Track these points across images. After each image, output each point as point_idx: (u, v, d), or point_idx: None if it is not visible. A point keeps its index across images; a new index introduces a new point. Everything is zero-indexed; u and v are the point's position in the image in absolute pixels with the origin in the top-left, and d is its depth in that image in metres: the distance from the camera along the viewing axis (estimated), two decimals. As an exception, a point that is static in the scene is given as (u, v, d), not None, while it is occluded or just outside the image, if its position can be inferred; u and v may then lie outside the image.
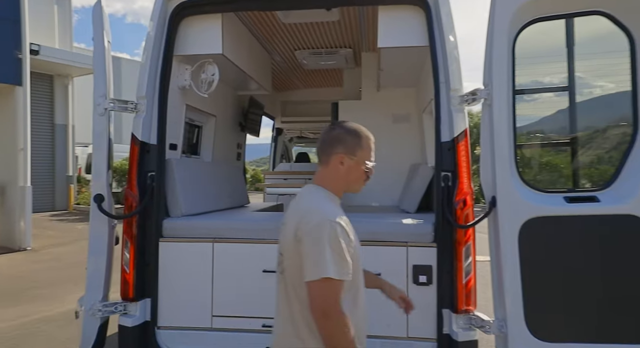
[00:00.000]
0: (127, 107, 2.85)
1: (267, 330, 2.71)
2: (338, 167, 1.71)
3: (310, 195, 1.72)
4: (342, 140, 1.71)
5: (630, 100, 2.30)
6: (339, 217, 1.58)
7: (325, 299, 1.50)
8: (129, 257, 2.76)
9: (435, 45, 2.65)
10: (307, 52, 4.56)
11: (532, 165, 2.69)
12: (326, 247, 1.51)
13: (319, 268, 1.49)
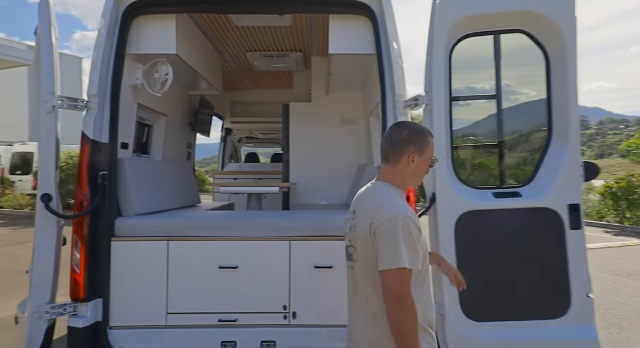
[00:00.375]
0: (76, 105, 2.81)
1: (223, 325, 2.82)
2: (408, 164, 1.87)
3: (381, 191, 1.87)
4: (412, 140, 1.87)
5: (546, 107, 2.64)
6: (410, 212, 1.76)
7: (398, 287, 1.67)
8: (80, 257, 2.73)
9: (382, 53, 2.86)
10: (259, 54, 4.65)
11: (466, 165, 2.97)
12: (400, 240, 1.68)
13: (394, 259, 1.67)
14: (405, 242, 1.69)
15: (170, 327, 2.83)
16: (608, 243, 10.85)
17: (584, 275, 2.60)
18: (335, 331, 2.80)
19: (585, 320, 2.56)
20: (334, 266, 2.80)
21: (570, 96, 2.58)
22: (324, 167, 4.57)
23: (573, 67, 2.57)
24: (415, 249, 1.71)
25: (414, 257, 1.71)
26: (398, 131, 1.92)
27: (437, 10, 2.61)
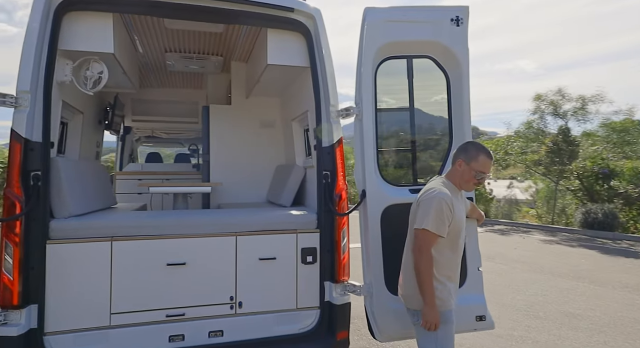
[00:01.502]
0: (5, 101, 2.65)
1: (171, 320, 2.92)
2: (457, 168, 2.61)
3: (436, 181, 2.64)
4: (465, 150, 2.60)
5: (448, 119, 3.30)
6: (447, 197, 2.47)
7: (423, 242, 2.43)
8: (12, 261, 2.58)
9: (316, 67, 3.24)
10: (178, 55, 4.64)
11: (388, 165, 3.53)
12: (432, 210, 2.43)
13: (423, 221, 2.44)
14: (435, 212, 2.42)
15: (114, 327, 2.82)
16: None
17: (475, 253, 3.26)
18: (279, 316, 3.11)
19: (476, 289, 3.23)
20: (277, 257, 3.11)
21: (465, 109, 3.25)
22: (243, 167, 4.76)
23: (467, 86, 3.23)
24: (442, 220, 2.42)
25: (439, 225, 2.42)
26: (465, 143, 2.68)
27: (366, 37, 3.10)
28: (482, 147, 2.63)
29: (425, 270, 2.41)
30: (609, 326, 4.96)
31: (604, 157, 14.23)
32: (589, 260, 8.94)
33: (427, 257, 2.42)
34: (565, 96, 14.58)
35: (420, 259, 2.42)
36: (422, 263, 2.41)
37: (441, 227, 2.43)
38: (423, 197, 2.53)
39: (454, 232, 2.52)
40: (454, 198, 2.53)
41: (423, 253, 2.41)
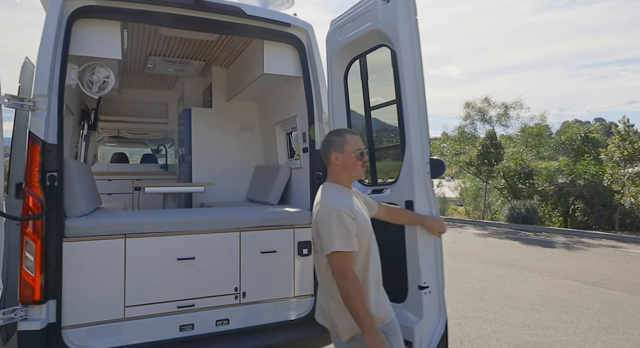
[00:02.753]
0: (23, 104, 2.74)
1: (182, 311, 3.15)
2: (335, 163, 2.28)
3: (323, 192, 2.28)
4: (330, 143, 2.30)
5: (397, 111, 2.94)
6: (343, 205, 2.13)
7: (339, 265, 2.06)
8: (34, 259, 2.69)
9: (309, 77, 3.59)
10: (161, 59, 4.75)
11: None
12: (334, 228, 2.07)
13: (329, 245, 2.07)
14: (338, 228, 2.06)
15: (128, 320, 2.99)
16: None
17: (415, 268, 2.79)
18: (278, 304, 3.43)
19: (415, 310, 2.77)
20: (277, 250, 3.43)
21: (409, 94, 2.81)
22: (224, 168, 4.96)
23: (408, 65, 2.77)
24: (348, 233, 2.07)
25: (348, 240, 2.07)
26: (324, 139, 2.37)
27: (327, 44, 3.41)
28: (341, 130, 2.42)
29: (355, 294, 2.03)
30: (541, 305, 5.79)
31: (524, 158, 15.86)
32: (517, 250, 10.06)
33: (353, 280, 2.05)
34: (491, 103, 16.03)
35: (347, 284, 2.03)
36: (351, 289, 2.03)
37: (350, 241, 2.09)
38: (319, 216, 2.16)
39: (365, 237, 2.20)
40: (352, 200, 2.25)
41: (347, 277, 2.05)
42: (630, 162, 13.04)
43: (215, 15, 3.30)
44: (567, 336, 4.65)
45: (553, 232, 13.02)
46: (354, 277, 2.08)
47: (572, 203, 14.69)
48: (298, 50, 3.62)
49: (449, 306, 5.48)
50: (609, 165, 13.71)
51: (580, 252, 9.85)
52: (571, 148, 15.33)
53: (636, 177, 12.79)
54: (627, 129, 13.22)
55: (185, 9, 3.21)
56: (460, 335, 4.64)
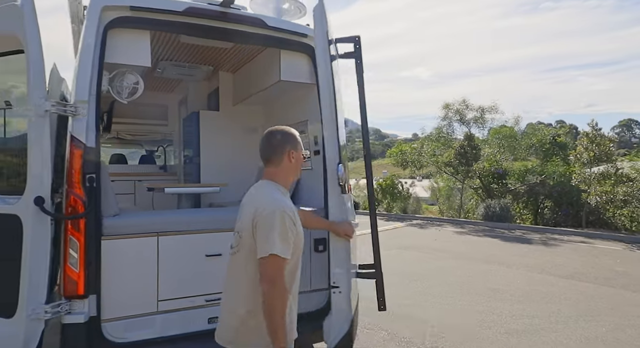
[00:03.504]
0: (66, 110, 2.89)
1: (210, 304, 3.35)
2: (290, 162, 2.18)
3: (264, 188, 2.15)
4: (287, 140, 2.19)
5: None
6: (288, 208, 2.02)
7: (272, 271, 1.90)
8: (78, 256, 2.85)
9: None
10: (171, 63, 4.89)
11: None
12: (276, 230, 1.91)
13: (269, 247, 1.90)
14: (281, 232, 1.92)
15: (161, 313, 3.18)
16: (385, 227, 14.12)
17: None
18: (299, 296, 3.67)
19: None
20: None
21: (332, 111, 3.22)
22: (230, 169, 5.15)
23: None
24: (287, 239, 1.94)
25: (285, 246, 1.93)
26: (273, 136, 2.21)
27: None
28: (287, 128, 2.28)
29: (280, 305, 1.89)
30: (523, 297, 6.24)
31: (498, 159, 16.59)
32: (494, 247, 10.61)
33: (281, 289, 1.90)
34: (469, 106, 16.68)
35: (274, 293, 1.88)
36: (277, 298, 1.88)
37: (288, 247, 1.96)
38: (261, 214, 1.97)
39: (298, 247, 2.10)
40: (292, 204, 2.14)
41: (277, 286, 1.88)
42: (597, 163, 13.89)
43: (238, 26, 3.51)
44: (551, 324, 5.09)
45: (526, 230, 13.70)
46: (284, 286, 1.92)
47: (541, 202, 15.49)
48: (311, 59, 3.86)
49: (441, 298, 5.91)
50: (577, 166, 14.54)
51: (552, 247, 10.48)
52: (541, 150, 16.14)
53: (601, 177, 13.62)
54: (594, 132, 14.04)
55: (211, 19, 3.41)
56: (455, 325, 5.00)
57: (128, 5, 3.12)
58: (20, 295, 2.72)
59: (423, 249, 10.07)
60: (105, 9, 3.06)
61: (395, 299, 5.96)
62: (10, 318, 2.75)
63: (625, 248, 10.55)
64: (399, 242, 11.14)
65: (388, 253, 9.17)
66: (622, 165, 14.07)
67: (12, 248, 2.79)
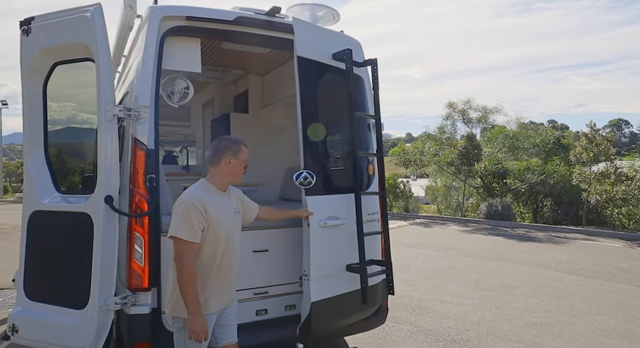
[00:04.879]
0: (130, 114, 3.08)
1: (257, 297, 3.56)
2: (226, 166, 2.60)
3: (194, 185, 2.62)
4: (226, 147, 2.63)
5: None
6: (197, 200, 2.44)
7: (179, 251, 2.42)
8: (143, 251, 3.04)
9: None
10: (204, 67, 5.06)
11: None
12: (180, 216, 2.41)
13: (176, 229, 2.42)
14: (183, 218, 2.40)
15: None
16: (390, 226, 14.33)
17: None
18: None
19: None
20: None
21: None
22: (259, 169, 5.34)
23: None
24: (191, 226, 2.39)
25: (189, 231, 2.39)
26: (219, 142, 2.68)
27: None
28: (236, 139, 2.76)
29: (187, 279, 2.38)
30: (535, 292, 6.50)
31: (499, 158, 16.89)
32: (499, 244, 10.88)
33: (188, 266, 2.38)
34: (472, 106, 16.94)
35: (181, 268, 2.39)
36: (183, 273, 2.38)
37: (192, 233, 2.39)
38: (175, 204, 2.51)
39: (217, 233, 2.51)
40: (213, 199, 2.54)
41: (183, 263, 2.39)
42: (596, 163, 14.22)
43: (280, 34, 3.70)
44: (566, 317, 5.34)
45: (528, 228, 14.00)
46: (190, 264, 2.40)
47: (541, 200, 15.82)
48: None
49: (458, 294, 6.15)
50: (577, 165, 14.87)
51: (556, 245, 10.77)
52: (544, 150, 16.46)
53: (601, 176, 13.96)
54: (593, 133, 14.38)
55: (257, 28, 3.61)
56: (476, 319, 5.23)
57: (185, 15, 3.31)
58: (92, 288, 2.92)
59: (430, 247, 10.32)
60: (165, 19, 3.25)
61: (414, 294, 6.20)
62: (83, 309, 2.95)
63: (625, 245, 10.87)
64: (405, 240, 11.38)
65: (398, 251, 9.41)
66: (621, 164, 14.43)
67: (82, 244, 2.99)
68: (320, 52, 3.57)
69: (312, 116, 3.51)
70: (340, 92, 3.58)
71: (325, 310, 3.32)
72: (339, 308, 3.44)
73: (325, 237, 3.38)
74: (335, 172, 3.79)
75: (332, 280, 3.40)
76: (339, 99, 3.60)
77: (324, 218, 3.37)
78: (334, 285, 3.40)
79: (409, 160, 17.57)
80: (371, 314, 3.79)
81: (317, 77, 3.62)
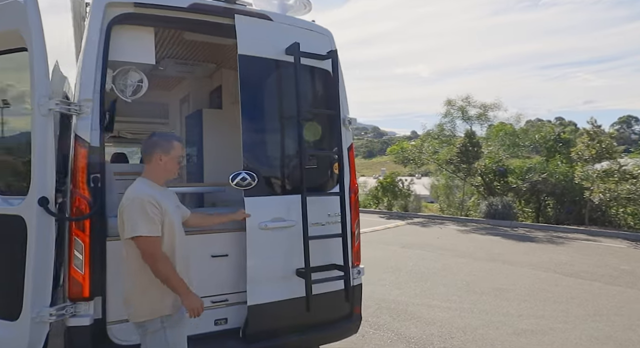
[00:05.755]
0: (69, 109, 2.83)
1: (216, 305, 3.30)
2: (158, 163, 2.54)
3: (134, 184, 2.52)
4: (157, 144, 2.55)
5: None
6: (147, 195, 2.38)
7: (148, 249, 2.33)
8: (83, 257, 2.79)
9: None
10: (173, 61, 4.82)
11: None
12: (136, 214, 2.33)
13: (136, 228, 2.31)
14: (140, 215, 2.32)
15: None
16: (387, 225, 14.06)
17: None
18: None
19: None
20: None
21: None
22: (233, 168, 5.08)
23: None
24: (151, 220, 2.33)
25: (151, 226, 2.33)
26: (149, 139, 2.61)
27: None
28: (168, 135, 2.73)
29: (167, 270, 2.35)
30: (529, 295, 6.20)
31: (500, 156, 16.52)
32: (497, 245, 10.56)
33: (163, 258, 2.36)
34: (471, 103, 16.60)
35: (156, 263, 2.33)
36: (162, 267, 2.34)
37: (153, 227, 2.35)
38: (124, 204, 2.40)
39: (170, 227, 2.47)
40: (158, 193, 2.49)
41: (157, 259, 2.33)
42: (599, 160, 13.83)
43: None
44: (559, 324, 5.04)
45: (529, 227, 13.66)
46: (162, 256, 2.36)
47: (543, 199, 15.44)
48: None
49: (447, 298, 5.85)
50: (579, 163, 14.48)
51: (556, 245, 10.44)
52: (544, 147, 16.07)
53: (604, 174, 13.57)
54: (595, 129, 13.99)
55: (216, 16, 3.35)
56: (462, 326, 4.95)
57: (132, 1, 3.05)
58: (24, 298, 2.67)
59: (426, 247, 10.02)
60: (110, 6, 2.99)
61: (401, 299, 5.92)
62: (15, 320, 2.70)
63: (629, 246, 10.51)
64: (402, 240, 11.08)
65: (392, 251, 9.13)
66: (626, 161, 14.01)
67: (16, 249, 2.74)
68: (269, 48, 3.39)
69: (257, 114, 3.33)
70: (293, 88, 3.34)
71: (266, 314, 3.18)
72: (286, 314, 3.26)
73: (268, 239, 3.23)
74: (286, 172, 3.54)
75: (278, 284, 3.25)
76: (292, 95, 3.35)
77: (266, 220, 3.21)
78: (280, 290, 3.25)
79: (407, 158, 17.25)
80: (335, 321, 3.55)
81: (265, 73, 3.42)
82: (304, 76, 3.48)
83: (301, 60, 3.40)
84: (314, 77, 3.66)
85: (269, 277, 3.25)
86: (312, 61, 3.57)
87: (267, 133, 3.50)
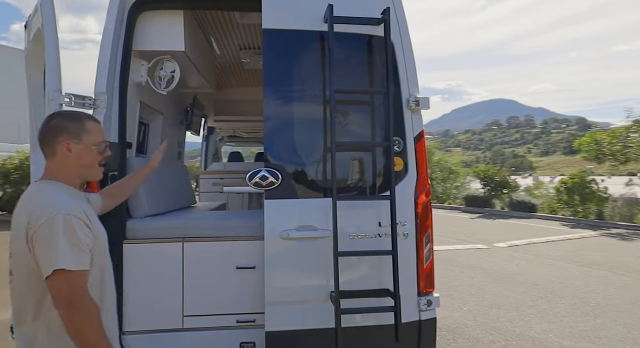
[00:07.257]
0: (84, 103, 2.70)
1: (241, 326, 2.80)
2: (67, 155, 1.70)
3: (39, 191, 1.66)
4: (60, 128, 1.71)
5: None
6: (73, 208, 1.59)
7: (67, 290, 1.51)
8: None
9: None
10: (252, 52, 4.60)
11: None
12: (60, 240, 1.51)
13: (54, 262, 1.49)
14: (66, 241, 1.52)
15: (187, 330, 2.77)
16: (567, 236, 11.48)
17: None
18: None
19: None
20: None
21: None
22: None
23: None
24: (80, 248, 1.56)
25: (79, 256, 1.55)
26: (48, 120, 1.74)
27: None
28: (76, 114, 1.82)
29: (91, 325, 1.53)
30: None
31: None
32: None
33: (86, 308, 1.53)
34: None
35: (78, 315, 1.51)
36: (84, 319, 1.52)
37: (82, 256, 1.57)
38: (36, 225, 1.53)
39: (100, 251, 1.72)
40: (83, 203, 1.73)
41: (79, 305, 1.52)
42: None
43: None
44: None
45: None
46: (90, 303, 1.56)
47: None
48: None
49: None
50: None
51: None
52: None
53: None
54: None
55: None
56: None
57: (150, -17, 2.81)
58: None
59: (616, 268, 7.63)
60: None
61: (546, 337, 4.44)
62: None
63: None
64: (584, 256, 8.74)
65: (563, 271, 7.20)
66: None
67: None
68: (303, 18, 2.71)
69: (283, 98, 2.68)
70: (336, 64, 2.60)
71: (289, 345, 2.56)
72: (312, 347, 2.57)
73: (292, 251, 2.59)
74: (319, 169, 2.76)
75: (305, 308, 2.61)
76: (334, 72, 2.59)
77: (290, 228, 2.53)
78: (309, 316, 2.60)
79: (604, 153, 13.81)
80: None
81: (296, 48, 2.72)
82: (345, 47, 2.71)
83: (344, 27, 2.66)
84: (361, 47, 2.83)
85: (293, 299, 2.62)
86: (360, 28, 2.76)
87: (295, 121, 2.82)
